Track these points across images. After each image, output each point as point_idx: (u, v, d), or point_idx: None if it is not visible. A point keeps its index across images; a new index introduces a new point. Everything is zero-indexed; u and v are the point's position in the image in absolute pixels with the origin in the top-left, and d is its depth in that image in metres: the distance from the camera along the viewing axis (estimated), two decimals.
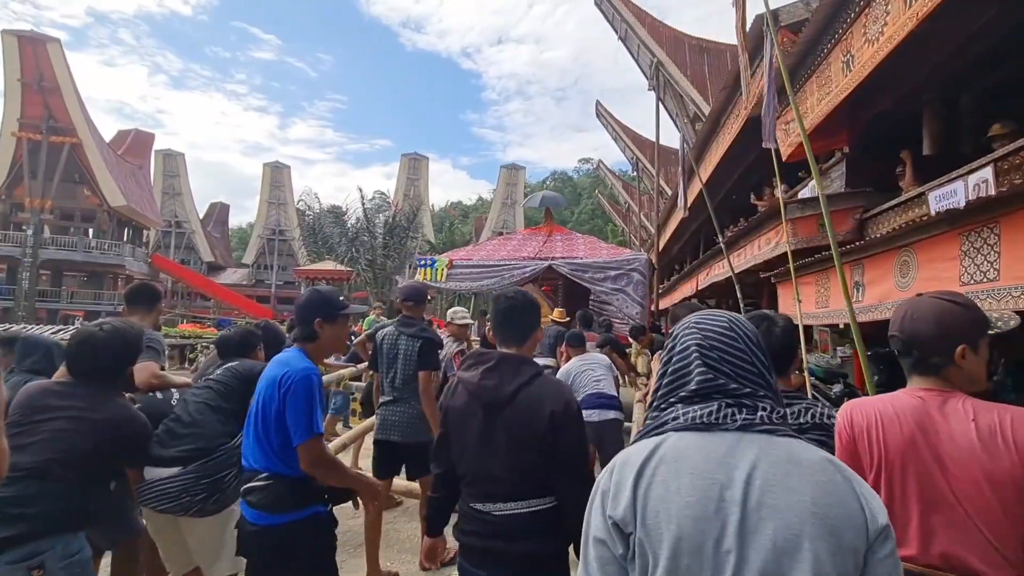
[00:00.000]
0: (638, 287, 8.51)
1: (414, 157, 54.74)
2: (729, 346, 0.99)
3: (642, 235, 28.50)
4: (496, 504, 1.68)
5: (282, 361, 2.01)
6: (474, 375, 1.75)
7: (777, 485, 0.84)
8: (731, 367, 0.98)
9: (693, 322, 1.05)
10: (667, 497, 0.88)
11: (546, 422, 1.63)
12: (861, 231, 6.37)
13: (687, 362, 1.01)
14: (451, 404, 1.82)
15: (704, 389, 0.97)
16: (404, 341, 3.40)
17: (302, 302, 2.11)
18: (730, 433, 0.92)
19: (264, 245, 52.63)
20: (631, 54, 19.91)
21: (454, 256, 9.08)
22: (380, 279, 25.77)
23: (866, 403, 1.45)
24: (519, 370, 1.73)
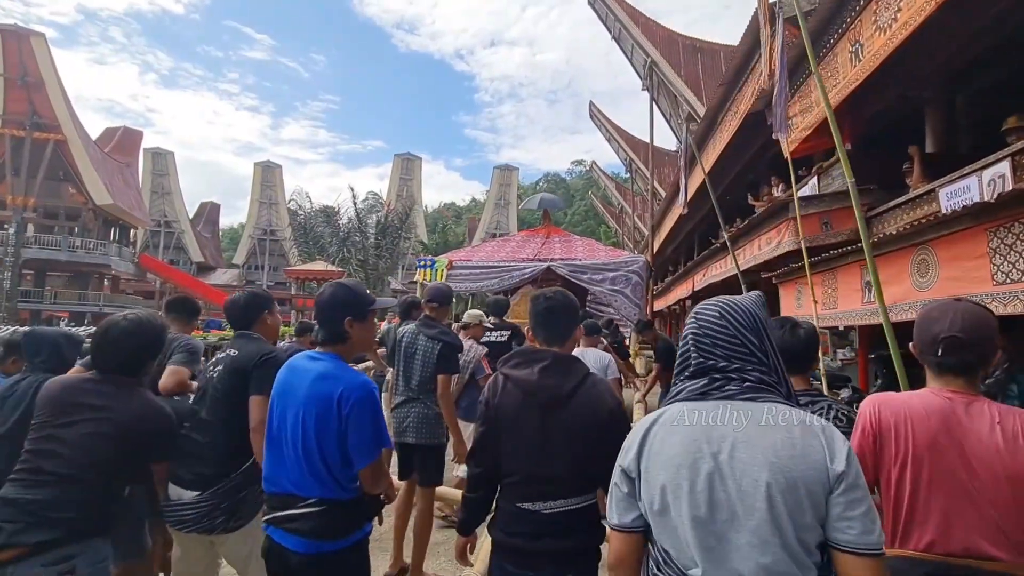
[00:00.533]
0: (636, 289, 8.51)
1: (407, 157, 54.39)
2: (719, 330, 1.18)
3: (635, 237, 28.35)
4: (547, 503, 1.68)
5: (328, 375, 1.79)
6: (529, 373, 1.73)
7: (746, 442, 1.05)
8: (722, 349, 1.17)
9: (693, 313, 1.25)
10: (660, 452, 1.13)
11: (605, 418, 1.68)
12: (868, 227, 6.17)
13: (687, 348, 1.22)
14: (501, 402, 1.78)
15: (699, 369, 1.18)
16: (423, 342, 3.30)
17: (327, 299, 1.91)
18: (717, 401, 1.13)
19: (255, 245, 52.07)
20: (625, 54, 19.74)
21: (454, 257, 9.06)
22: (372, 279, 25.45)
23: (893, 399, 1.49)
24: (574, 369, 1.76)
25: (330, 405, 1.73)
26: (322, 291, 1.94)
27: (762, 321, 1.20)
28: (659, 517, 1.11)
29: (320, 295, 1.94)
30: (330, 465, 1.74)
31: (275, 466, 1.82)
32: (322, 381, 1.77)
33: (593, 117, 28.28)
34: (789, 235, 6.47)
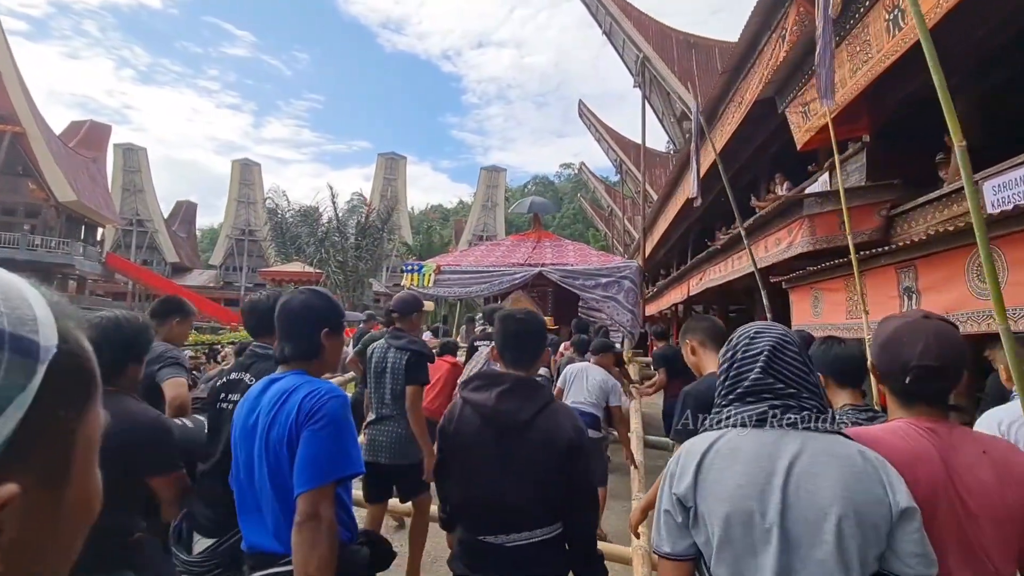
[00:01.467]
0: (629, 294, 8.17)
1: (391, 157, 53.34)
2: (781, 352, 1.19)
3: (625, 240, 27.79)
4: (510, 535, 1.62)
5: (288, 389, 1.53)
6: (487, 397, 1.67)
7: (813, 474, 1.06)
8: (781, 370, 1.17)
9: (753, 331, 1.25)
10: (722, 480, 1.11)
11: (564, 450, 1.62)
12: (888, 229, 5.53)
13: (745, 365, 1.20)
14: (458, 427, 1.72)
15: (756, 387, 1.16)
16: (392, 354, 3.18)
17: (298, 308, 1.64)
18: (778, 429, 1.12)
19: (233, 246, 50.61)
20: (616, 49, 19.14)
21: (442, 262, 8.82)
22: (352, 282, 24.49)
23: (880, 437, 1.24)
24: (535, 395, 1.70)
25: (291, 418, 1.46)
26: (288, 299, 1.67)
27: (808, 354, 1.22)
28: (722, 547, 1.08)
29: (287, 304, 1.65)
30: None
31: (249, 521, 1.58)
32: (285, 397, 1.51)
33: (582, 116, 27.69)
34: (803, 235, 5.81)
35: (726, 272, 8.84)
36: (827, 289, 5.25)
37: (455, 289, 8.46)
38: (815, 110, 5.45)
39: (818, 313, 5.40)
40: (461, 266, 8.58)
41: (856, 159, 6.16)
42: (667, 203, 14.08)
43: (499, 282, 8.14)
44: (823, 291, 5.34)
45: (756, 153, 9.46)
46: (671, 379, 5.78)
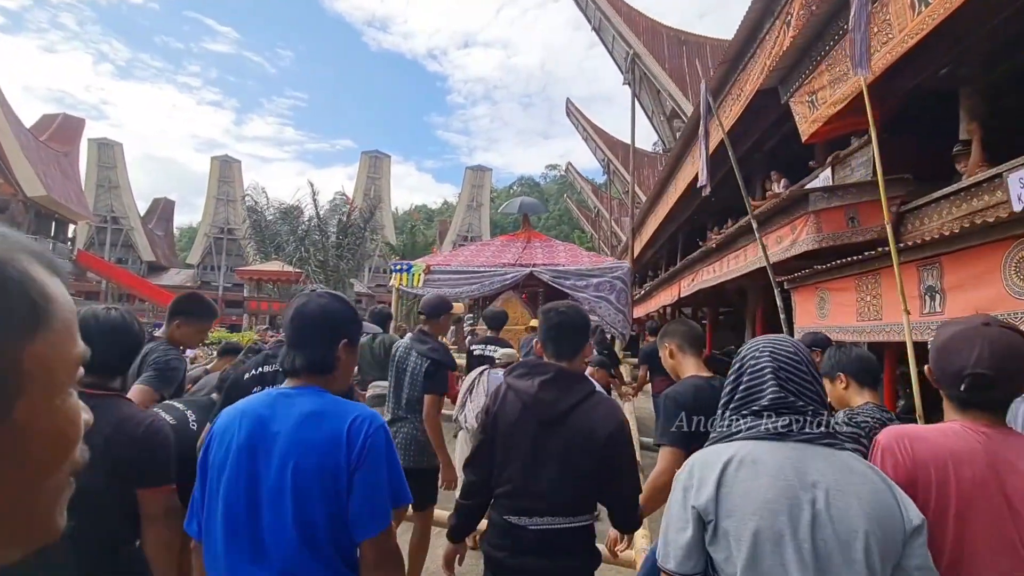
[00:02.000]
0: (620, 295, 8.15)
1: (375, 155, 52.57)
2: (796, 368, 1.20)
3: (612, 242, 27.54)
4: (534, 519, 1.64)
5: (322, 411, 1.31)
6: (530, 385, 1.71)
7: (840, 491, 1.06)
8: (796, 386, 1.18)
9: (763, 345, 1.26)
10: (748, 494, 1.08)
11: (602, 443, 1.63)
12: (899, 225, 5.22)
13: (761, 380, 1.20)
14: (500, 412, 1.76)
15: (775, 404, 1.16)
16: (414, 358, 3.11)
17: (317, 313, 1.41)
18: (799, 444, 1.12)
19: (211, 244, 49.43)
20: (605, 46, 18.87)
21: (431, 261, 8.81)
22: (333, 281, 23.85)
23: (925, 435, 1.25)
24: (576, 386, 1.72)
25: (335, 449, 1.27)
26: (304, 303, 1.45)
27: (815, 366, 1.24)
28: (750, 565, 1.05)
29: (303, 308, 1.44)
30: (339, 541, 1.27)
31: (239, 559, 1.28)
32: (316, 420, 1.30)
33: (570, 115, 27.40)
34: (808, 232, 5.48)
35: (721, 272, 8.52)
36: (835, 289, 4.92)
37: (445, 289, 8.28)
38: (824, 98, 5.13)
39: (824, 314, 5.08)
40: (451, 266, 8.52)
41: (862, 153, 5.85)
42: (657, 202, 13.78)
43: (489, 282, 8.04)
44: (830, 291, 5.01)
45: (751, 149, 9.16)
46: (653, 376, 5.99)
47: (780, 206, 6.08)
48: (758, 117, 7.88)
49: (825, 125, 5.27)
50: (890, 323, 4.02)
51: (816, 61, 5.16)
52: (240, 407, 1.38)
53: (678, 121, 17.74)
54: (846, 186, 5.28)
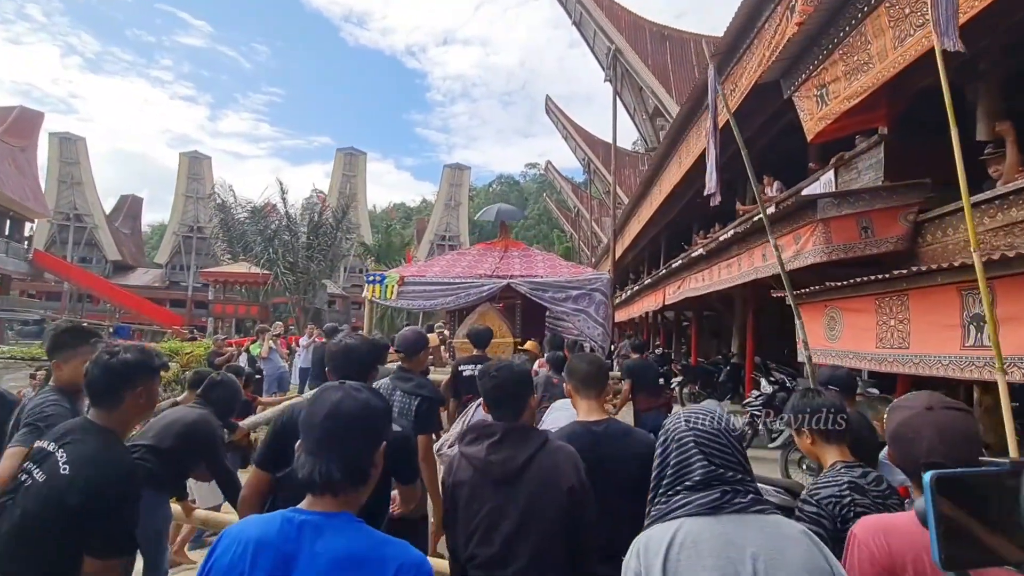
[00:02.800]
0: (600, 307, 7.84)
1: (351, 153, 51.18)
2: (717, 441, 1.24)
3: (593, 242, 27.00)
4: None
5: (362, 558, 1.10)
6: (479, 450, 1.70)
7: (777, 559, 1.09)
8: (721, 459, 1.22)
9: (684, 421, 1.30)
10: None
11: (564, 497, 1.60)
12: (915, 237, 4.65)
13: (687, 456, 1.24)
14: (456, 481, 1.75)
15: (707, 479, 1.19)
16: (400, 398, 2.93)
17: (360, 413, 1.21)
18: (733, 515, 1.15)
19: (180, 243, 47.65)
20: (586, 41, 18.24)
21: (405, 272, 8.46)
22: (303, 284, 22.83)
23: (897, 525, 1.26)
24: (526, 439, 1.71)
25: None
26: (340, 399, 1.19)
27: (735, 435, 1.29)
28: None
29: (340, 406, 1.18)
30: None
31: None
32: (353, 570, 1.08)
33: (549, 113, 26.75)
34: (815, 242, 4.88)
35: (711, 281, 7.93)
36: (849, 309, 4.32)
37: (419, 301, 8.18)
38: (836, 92, 4.52)
39: (834, 337, 4.48)
40: (426, 277, 8.24)
41: (871, 155, 5.27)
42: (640, 204, 13.17)
43: (466, 294, 7.80)
44: (843, 311, 4.41)
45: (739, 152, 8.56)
46: (636, 393, 5.93)
47: (781, 212, 5.48)
48: (749, 116, 7.30)
49: (836, 122, 4.66)
50: (920, 354, 3.40)
51: (828, 50, 4.56)
52: (252, 534, 1.13)
53: (661, 119, 17.20)
54: (859, 191, 4.68)
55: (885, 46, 3.79)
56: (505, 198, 77.05)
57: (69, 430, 1.64)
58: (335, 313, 40.57)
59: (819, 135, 4.89)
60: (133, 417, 1.79)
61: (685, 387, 10.18)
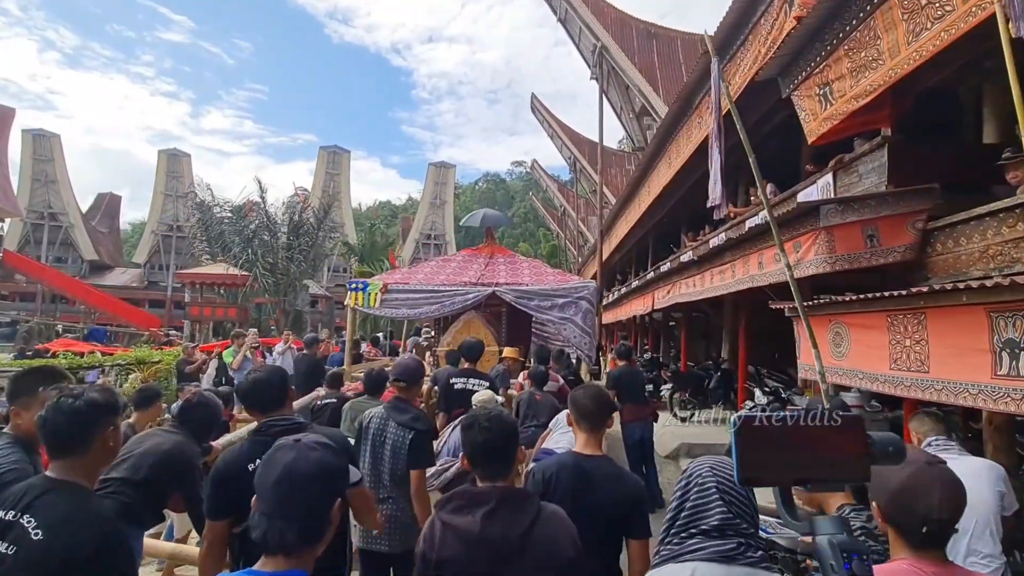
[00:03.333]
0: (587, 316, 7.64)
1: (334, 151, 50.35)
2: (737, 491, 1.29)
3: (579, 241, 26.70)
4: None
5: None
6: (471, 522, 1.50)
7: None
8: (739, 508, 1.28)
9: (709, 466, 1.35)
10: None
11: (565, 565, 1.51)
12: (923, 246, 4.34)
13: (707, 500, 1.29)
14: (441, 558, 1.51)
15: (723, 526, 1.25)
16: (393, 430, 2.88)
17: (316, 473, 1.23)
18: (745, 568, 1.20)
19: (159, 243, 46.58)
20: (572, 38, 17.88)
21: (388, 280, 8.32)
22: (283, 285, 22.25)
23: None
24: (523, 507, 1.55)
25: None
26: (293, 460, 1.21)
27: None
28: None
29: (294, 468, 1.20)
30: None
31: None
32: None
33: (535, 111, 26.37)
34: (818, 251, 4.57)
35: (702, 287, 7.63)
36: (857, 325, 4.00)
37: (403, 310, 8.00)
38: (842, 90, 4.20)
39: (841, 354, 4.16)
40: (409, 284, 8.04)
41: (873, 158, 4.95)
42: (628, 205, 12.86)
43: (450, 302, 7.66)
44: (849, 327, 4.09)
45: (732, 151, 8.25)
46: (622, 403, 5.78)
47: (780, 219, 5.16)
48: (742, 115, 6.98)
49: (841, 123, 4.34)
50: (942, 380, 3.08)
51: (831, 46, 4.24)
52: None
53: (648, 118, 16.92)
54: (864, 197, 4.37)
55: (897, 41, 3.48)
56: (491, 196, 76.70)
57: (29, 491, 1.49)
58: (318, 314, 39.86)
59: (822, 137, 4.58)
60: (101, 465, 1.67)
61: (675, 394, 9.87)
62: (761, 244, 5.74)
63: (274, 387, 2.24)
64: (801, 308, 3.18)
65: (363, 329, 21.26)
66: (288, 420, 2.21)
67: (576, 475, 1.98)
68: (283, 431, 2.03)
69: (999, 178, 4.42)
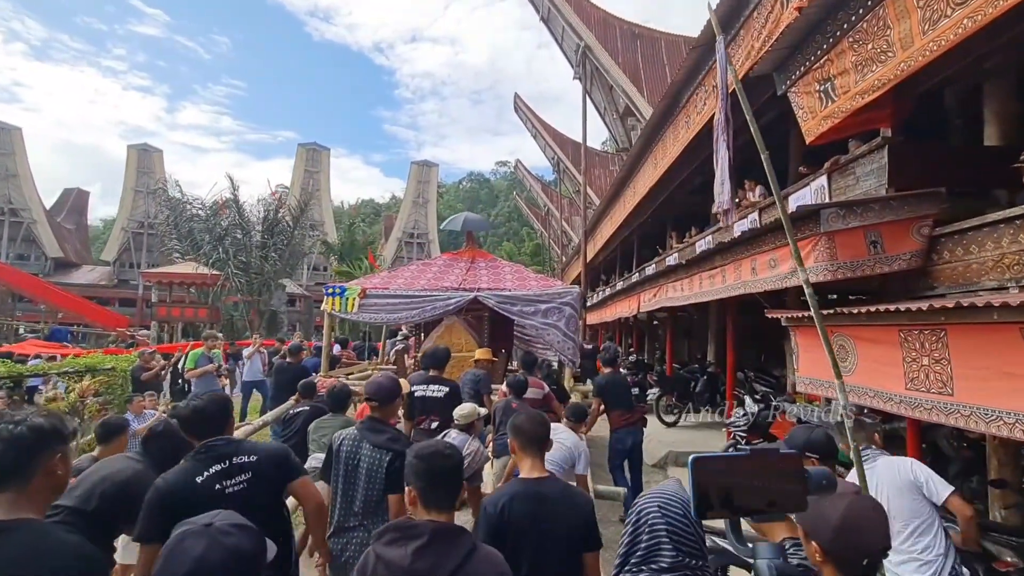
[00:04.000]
0: (570, 322, 7.45)
1: (313, 148, 49.39)
2: (686, 531, 1.43)
3: (563, 241, 26.45)
4: None
5: None
6: (401, 555, 1.50)
7: None
8: (688, 548, 1.41)
9: (657, 507, 1.46)
10: None
11: None
12: (929, 253, 4.10)
13: (658, 542, 1.42)
14: None
15: (673, 565, 1.39)
16: (368, 452, 2.69)
17: (230, 564, 1.20)
18: None
19: (129, 240, 45.17)
20: (555, 38, 17.58)
21: (367, 285, 8.03)
22: (257, 285, 21.54)
23: None
24: (456, 544, 1.55)
25: None
26: (204, 550, 1.15)
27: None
28: None
29: (204, 561, 1.13)
30: None
31: None
32: None
33: (518, 110, 26.03)
34: (818, 258, 4.31)
35: (691, 292, 7.36)
36: (864, 338, 3.74)
37: (382, 315, 7.75)
38: (844, 87, 3.92)
39: (847, 369, 3.88)
40: (389, 289, 7.79)
41: (871, 159, 4.70)
42: (613, 205, 12.59)
43: (431, 307, 7.46)
44: (856, 340, 3.83)
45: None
46: (610, 410, 5.69)
47: (774, 223, 4.89)
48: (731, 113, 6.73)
49: (842, 121, 4.07)
50: (971, 405, 2.80)
51: (834, 37, 3.96)
52: None
53: (632, 119, 16.71)
54: (867, 201, 4.11)
55: (910, 30, 3.20)
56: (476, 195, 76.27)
57: None
58: (295, 313, 39.00)
59: (821, 136, 4.30)
60: (47, 498, 1.51)
61: (662, 399, 9.62)
62: (754, 249, 5.48)
63: (212, 419, 2.21)
64: (819, 321, 2.88)
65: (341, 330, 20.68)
66: (224, 441, 2.20)
67: (535, 501, 2.01)
68: (219, 456, 2.12)
69: (1002, 182, 4.21)
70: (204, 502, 1.84)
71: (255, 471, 2.13)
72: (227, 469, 2.11)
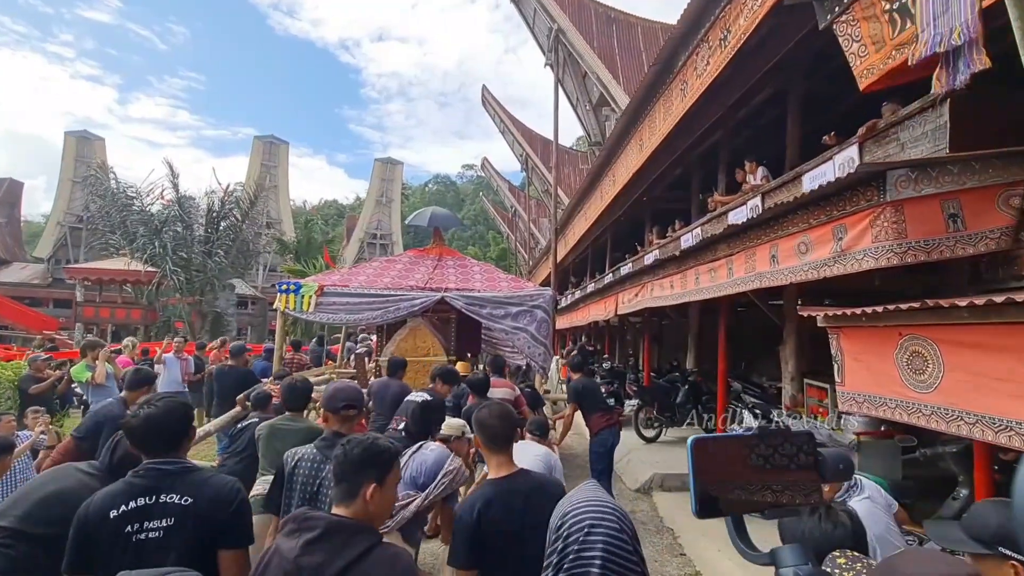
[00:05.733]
0: (542, 326, 7.09)
1: (271, 141, 47.14)
2: (622, 548, 1.37)
3: (531, 243, 25.42)
4: None
5: None
6: (291, 547, 1.41)
7: None
8: (618, 567, 1.36)
9: (588, 525, 1.41)
10: None
11: None
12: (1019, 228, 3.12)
13: (590, 558, 1.37)
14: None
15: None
16: (329, 471, 2.38)
17: None
18: None
19: (66, 235, 41.98)
20: (525, 21, 16.56)
21: (325, 281, 7.44)
22: (199, 283, 19.69)
23: None
24: (350, 543, 1.43)
25: None
26: None
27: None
28: None
29: None
30: None
31: None
32: None
33: (486, 104, 24.93)
34: (881, 236, 3.29)
35: (683, 290, 6.32)
36: (953, 342, 2.70)
37: (341, 315, 7.16)
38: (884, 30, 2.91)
39: (926, 383, 2.85)
40: (349, 288, 7.20)
41: (925, 118, 3.69)
42: (589, 197, 11.55)
43: (395, 308, 6.94)
44: (941, 344, 2.78)
45: (711, 130, 6.98)
46: (589, 414, 5.57)
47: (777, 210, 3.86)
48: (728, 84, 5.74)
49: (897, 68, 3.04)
50: None
51: None
52: None
53: (607, 108, 15.79)
54: (942, 160, 3.10)
55: None
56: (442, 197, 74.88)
57: None
58: (247, 316, 36.74)
59: (886, 76, 3.27)
60: None
61: (641, 411, 8.56)
62: (773, 233, 4.45)
63: (168, 431, 1.80)
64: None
65: (293, 333, 19.11)
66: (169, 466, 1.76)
67: (512, 499, 1.95)
68: (147, 489, 1.70)
69: None
70: (111, 543, 1.60)
71: (179, 519, 1.67)
72: (147, 508, 1.67)
